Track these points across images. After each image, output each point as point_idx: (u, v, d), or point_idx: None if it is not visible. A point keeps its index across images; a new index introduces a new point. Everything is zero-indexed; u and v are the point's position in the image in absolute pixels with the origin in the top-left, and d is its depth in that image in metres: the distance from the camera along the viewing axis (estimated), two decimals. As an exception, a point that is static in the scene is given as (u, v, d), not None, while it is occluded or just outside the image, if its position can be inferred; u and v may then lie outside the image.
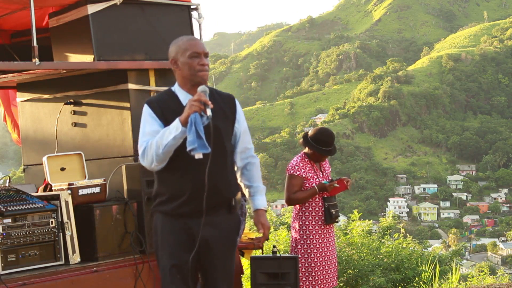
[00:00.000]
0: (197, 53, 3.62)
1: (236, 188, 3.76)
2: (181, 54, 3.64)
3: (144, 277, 4.62)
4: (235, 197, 3.71)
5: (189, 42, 3.67)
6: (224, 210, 3.67)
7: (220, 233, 3.66)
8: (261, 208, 3.82)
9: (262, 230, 3.81)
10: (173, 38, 5.21)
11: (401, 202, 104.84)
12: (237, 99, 3.85)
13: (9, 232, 4.21)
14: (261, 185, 3.85)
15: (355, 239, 8.93)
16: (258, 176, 3.84)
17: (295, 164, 5.45)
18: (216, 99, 3.68)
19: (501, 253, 78.70)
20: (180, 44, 3.67)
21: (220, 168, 3.63)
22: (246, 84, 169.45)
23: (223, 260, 3.69)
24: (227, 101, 3.75)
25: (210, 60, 31.76)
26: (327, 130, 5.59)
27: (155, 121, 3.62)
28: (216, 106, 3.60)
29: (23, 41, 5.66)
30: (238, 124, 3.76)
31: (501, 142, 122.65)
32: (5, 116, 6.58)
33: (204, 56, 3.64)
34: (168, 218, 3.66)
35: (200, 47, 3.64)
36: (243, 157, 3.80)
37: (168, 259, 3.65)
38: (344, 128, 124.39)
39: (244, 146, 3.79)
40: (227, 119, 3.70)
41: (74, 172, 4.82)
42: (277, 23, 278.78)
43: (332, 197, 5.50)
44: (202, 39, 5.32)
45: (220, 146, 3.63)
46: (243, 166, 3.81)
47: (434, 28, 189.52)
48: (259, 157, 3.99)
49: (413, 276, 8.58)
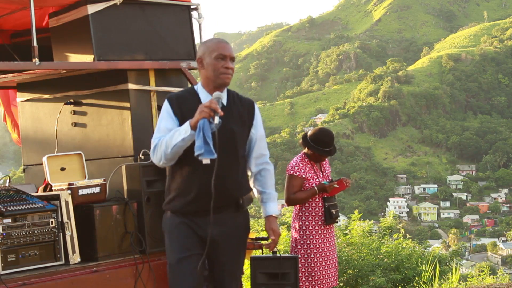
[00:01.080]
0: (223, 56, 3.66)
1: (247, 190, 3.80)
2: (208, 54, 3.68)
3: (144, 277, 4.62)
4: (243, 197, 3.74)
5: (218, 44, 3.70)
6: (231, 208, 3.71)
7: (227, 230, 3.69)
8: (272, 215, 3.84)
9: (272, 237, 3.82)
10: (173, 38, 5.25)
11: (401, 202, 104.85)
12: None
13: (9, 232, 4.21)
14: (273, 192, 3.88)
15: (354, 239, 8.93)
16: (271, 183, 3.88)
17: (295, 165, 5.45)
18: (235, 102, 3.74)
19: (501, 253, 78.70)
20: (209, 44, 3.72)
21: (230, 170, 3.66)
22: (246, 84, 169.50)
23: (231, 257, 3.72)
24: (246, 106, 3.79)
25: (210, 60, 31.54)
26: (327, 131, 5.59)
27: (171, 118, 3.69)
28: (234, 110, 3.68)
29: (23, 41, 5.66)
30: (255, 130, 3.80)
31: (501, 142, 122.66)
32: (5, 116, 6.59)
33: (230, 60, 3.67)
34: (176, 215, 3.72)
35: (228, 50, 3.68)
36: (258, 162, 3.83)
37: (177, 253, 3.69)
38: (344, 128, 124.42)
39: (260, 152, 3.82)
40: (243, 123, 3.74)
41: (74, 172, 4.82)
42: (277, 23, 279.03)
43: (332, 197, 5.50)
44: (202, 39, 5.32)
45: (232, 149, 3.67)
46: (257, 171, 3.84)
47: (434, 28, 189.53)
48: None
49: (413, 276, 8.59)
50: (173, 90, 5.10)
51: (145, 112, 5.03)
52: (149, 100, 5.05)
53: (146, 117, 5.03)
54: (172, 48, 5.19)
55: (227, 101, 3.72)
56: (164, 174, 4.64)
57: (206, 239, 3.60)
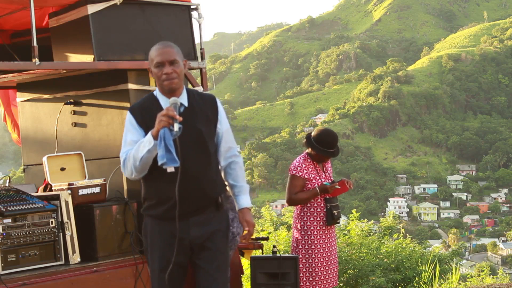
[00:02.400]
0: (160, 63, 3.64)
1: (222, 186, 3.82)
2: (151, 64, 3.71)
3: (144, 277, 4.62)
4: (221, 195, 3.76)
5: (156, 52, 3.68)
6: (211, 208, 3.72)
7: (209, 229, 3.69)
8: (246, 207, 3.84)
9: (247, 228, 3.82)
10: (173, 38, 5.24)
11: (401, 202, 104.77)
12: (237, 99, 3.87)
13: (9, 232, 4.22)
14: (245, 184, 3.88)
15: (353, 240, 8.93)
16: (242, 175, 3.88)
17: (298, 165, 5.45)
18: (197, 101, 3.74)
19: (501, 253, 78.68)
20: (150, 54, 3.72)
21: (204, 170, 3.68)
22: (246, 84, 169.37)
23: (216, 255, 3.71)
24: (209, 102, 3.79)
25: (210, 60, 31.65)
26: (331, 132, 5.57)
27: (135, 130, 3.69)
28: (196, 109, 3.69)
29: (23, 41, 5.66)
30: (220, 125, 3.80)
31: (501, 142, 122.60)
32: (5, 116, 6.59)
33: (169, 64, 3.63)
34: (157, 221, 3.70)
35: (164, 56, 3.63)
36: (227, 156, 3.83)
37: (157, 262, 3.69)
38: (344, 128, 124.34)
39: (228, 145, 3.83)
40: (209, 120, 3.74)
41: (74, 172, 4.82)
42: (277, 23, 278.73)
43: (334, 198, 5.50)
44: (202, 39, 5.32)
45: (203, 149, 3.68)
46: (226, 165, 3.85)
47: (434, 28, 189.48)
48: (259, 157, 3.96)
49: (413, 276, 8.58)
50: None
51: (145, 112, 5.02)
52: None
53: (146, 117, 5.02)
54: (172, 48, 5.18)
55: (188, 102, 3.71)
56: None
57: (188, 241, 3.64)
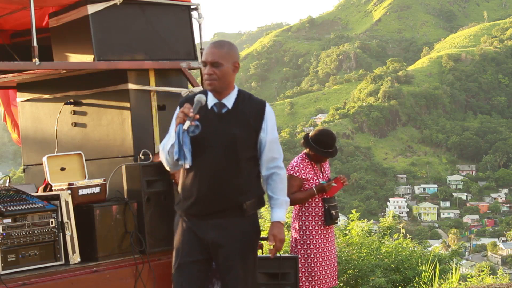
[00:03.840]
0: (204, 63, 3.67)
1: (253, 195, 3.72)
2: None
3: (144, 277, 4.62)
4: (247, 202, 3.68)
5: (205, 50, 3.71)
6: (235, 213, 3.68)
7: (229, 235, 3.66)
8: (276, 221, 3.77)
9: (272, 243, 3.77)
10: (173, 38, 5.25)
11: (401, 202, 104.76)
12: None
13: (9, 232, 4.21)
14: (281, 197, 3.77)
15: (354, 240, 8.92)
16: (280, 188, 3.77)
17: (296, 165, 5.45)
18: (244, 105, 3.71)
19: (501, 253, 78.68)
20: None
21: (229, 174, 3.64)
22: (246, 84, 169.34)
23: (236, 262, 3.67)
24: (255, 108, 3.73)
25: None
26: (329, 132, 5.57)
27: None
28: (238, 113, 3.67)
29: (23, 41, 5.66)
30: (264, 133, 3.71)
31: (501, 142, 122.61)
32: (5, 116, 6.59)
33: (210, 65, 3.64)
34: (182, 218, 3.75)
35: (208, 56, 3.65)
36: (269, 166, 3.75)
37: (176, 257, 3.74)
38: (344, 128, 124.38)
39: (271, 155, 3.73)
40: (249, 126, 3.69)
41: (74, 172, 4.82)
42: (277, 23, 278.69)
43: (332, 198, 5.50)
44: (202, 39, 5.33)
45: (233, 153, 3.64)
46: (268, 175, 3.77)
47: (434, 28, 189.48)
48: (259, 157, 3.95)
49: (413, 276, 8.58)
50: (173, 90, 5.11)
51: (145, 112, 5.04)
52: (149, 100, 5.06)
53: (146, 117, 5.03)
54: (172, 48, 5.20)
55: (233, 104, 3.69)
56: (164, 174, 4.64)
57: (208, 242, 3.65)
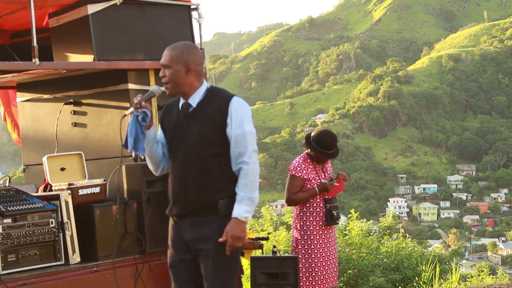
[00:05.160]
0: (161, 65, 3.78)
1: (228, 193, 3.67)
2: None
3: (144, 277, 4.62)
4: (220, 201, 3.65)
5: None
6: (210, 212, 3.67)
7: (204, 235, 3.66)
8: (234, 217, 3.62)
9: (225, 238, 3.59)
10: (173, 38, 5.22)
11: (401, 202, 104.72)
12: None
13: (9, 232, 4.22)
14: (242, 193, 3.63)
15: (354, 240, 8.93)
16: (243, 184, 3.64)
17: (297, 165, 5.45)
18: (209, 102, 3.71)
19: (501, 253, 78.66)
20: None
21: (200, 172, 3.66)
22: (246, 84, 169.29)
23: (214, 260, 3.66)
24: (220, 104, 3.70)
25: (210, 60, 31.85)
26: (330, 133, 5.57)
27: (159, 126, 3.91)
28: (202, 111, 3.70)
29: (23, 41, 5.66)
30: (229, 128, 3.67)
31: (501, 142, 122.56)
32: (5, 116, 6.59)
33: (163, 68, 3.74)
34: (171, 218, 3.84)
35: (161, 59, 3.76)
36: (236, 162, 3.70)
37: (169, 257, 3.84)
38: (344, 128, 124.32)
39: (238, 150, 3.67)
40: (214, 124, 3.67)
41: (74, 172, 4.82)
42: (277, 23, 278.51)
43: (333, 198, 5.50)
44: (202, 39, 5.33)
45: (199, 151, 3.67)
46: (236, 171, 3.70)
47: (434, 28, 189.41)
48: (259, 157, 3.90)
49: (413, 276, 8.58)
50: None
51: (145, 112, 5.03)
52: (149, 100, 5.05)
53: (146, 117, 5.02)
54: (172, 48, 5.18)
55: (198, 103, 3.72)
56: (164, 175, 4.64)
57: (186, 242, 3.72)
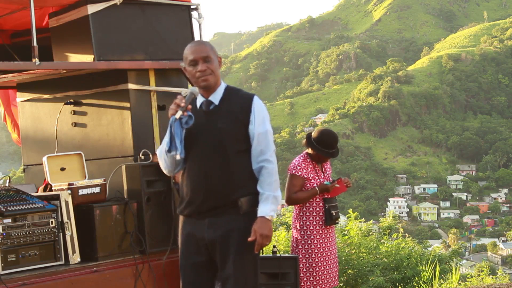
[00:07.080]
0: (194, 61, 3.69)
1: (249, 190, 3.68)
2: (185, 62, 3.76)
3: (144, 277, 4.62)
4: (241, 199, 3.65)
5: (189, 50, 3.74)
6: (230, 210, 3.66)
7: (225, 234, 3.65)
8: (260, 216, 3.65)
9: (254, 237, 3.62)
10: (173, 38, 5.24)
11: (401, 202, 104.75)
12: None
13: (9, 232, 4.22)
14: (267, 192, 3.68)
15: (353, 240, 8.93)
16: (268, 182, 3.68)
17: (297, 164, 5.45)
18: (231, 100, 3.73)
19: (501, 253, 78.66)
20: (184, 53, 3.77)
21: (221, 170, 3.64)
22: (246, 84, 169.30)
23: (237, 260, 3.65)
24: (242, 102, 3.73)
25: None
26: (331, 132, 5.58)
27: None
28: (224, 108, 3.69)
29: (23, 41, 5.66)
30: (252, 126, 3.69)
31: (501, 142, 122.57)
32: (5, 116, 6.59)
33: (202, 61, 3.67)
34: (182, 218, 3.80)
35: (197, 53, 3.68)
36: (258, 160, 3.71)
37: (180, 259, 3.81)
38: (344, 128, 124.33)
39: (259, 148, 3.70)
40: (236, 120, 3.69)
41: (74, 172, 4.82)
42: (277, 23, 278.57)
43: (333, 198, 5.50)
44: (202, 39, 5.32)
45: (221, 148, 3.65)
46: (257, 169, 3.72)
47: (434, 28, 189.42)
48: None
49: (413, 275, 8.58)
50: (173, 90, 5.11)
51: (145, 112, 5.04)
52: (149, 100, 5.06)
53: (146, 117, 5.03)
54: (172, 48, 5.19)
55: (220, 101, 3.72)
56: (164, 174, 4.64)
57: (205, 241, 3.67)
